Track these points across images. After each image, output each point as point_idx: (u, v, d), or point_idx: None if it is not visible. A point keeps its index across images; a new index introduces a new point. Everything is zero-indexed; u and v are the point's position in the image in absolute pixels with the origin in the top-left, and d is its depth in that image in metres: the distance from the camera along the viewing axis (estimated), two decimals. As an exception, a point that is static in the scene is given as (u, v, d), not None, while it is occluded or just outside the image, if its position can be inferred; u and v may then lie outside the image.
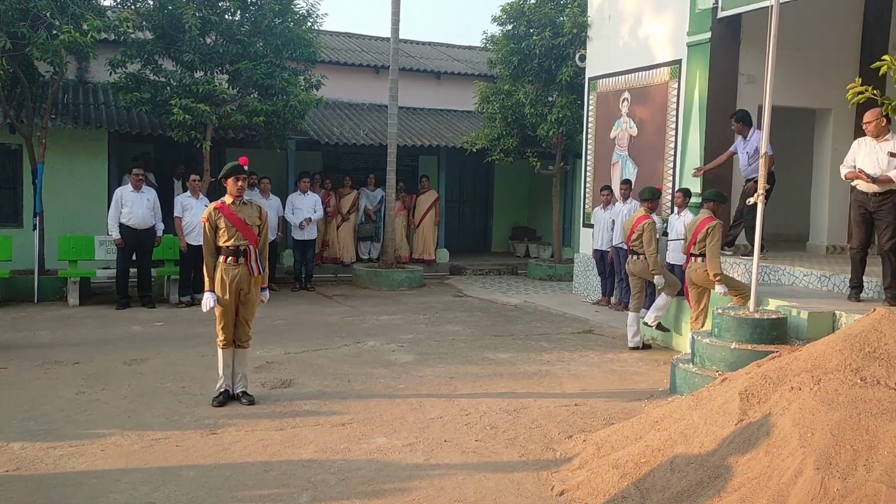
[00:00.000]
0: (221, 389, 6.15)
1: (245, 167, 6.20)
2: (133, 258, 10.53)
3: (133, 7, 11.64)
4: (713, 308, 7.21)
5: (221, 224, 6.06)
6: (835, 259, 9.52)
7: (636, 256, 8.57)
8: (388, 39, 13.79)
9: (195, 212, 10.39)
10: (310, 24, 12.63)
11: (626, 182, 11.04)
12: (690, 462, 4.28)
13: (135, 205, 10.34)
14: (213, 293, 6.03)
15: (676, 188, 9.97)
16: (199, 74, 11.83)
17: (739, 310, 6.86)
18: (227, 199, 6.15)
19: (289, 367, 7.34)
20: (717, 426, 4.44)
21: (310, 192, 12.74)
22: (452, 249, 15.90)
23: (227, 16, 11.89)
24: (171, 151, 13.46)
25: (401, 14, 13.35)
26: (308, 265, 12.68)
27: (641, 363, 7.94)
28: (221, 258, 6.07)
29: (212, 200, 7.02)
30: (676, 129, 10.32)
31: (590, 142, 12.46)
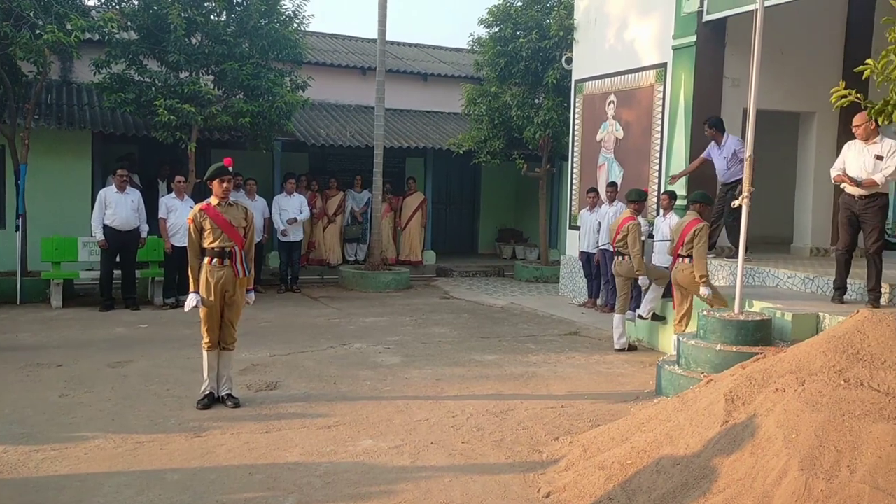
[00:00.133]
0: (206, 392, 6.12)
1: (230, 168, 6.17)
2: (117, 260, 10.44)
3: (118, 7, 11.56)
4: (698, 310, 7.24)
5: (207, 225, 6.03)
6: (818, 261, 9.59)
7: (622, 257, 8.61)
8: (375, 41, 13.77)
9: (180, 213, 10.33)
10: (296, 25, 12.61)
11: (612, 184, 11.10)
12: (676, 463, 4.29)
13: (119, 206, 10.27)
14: (198, 294, 6.00)
15: (662, 190, 10.02)
16: (185, 75, 11.78)
17: (724, 312, 6.90)
18: (213, 201, 6.12)
19: (274, 370, 7.31)
20: (703, 427, 4.46)
21: (296, 194, 12.70)
22: (439, 251, 15.90)
23: (213, 16, 11.83)
24: (156, 152, 13.37)
25: (388, 16, 13.35)
26: (294, 267, 12.64)
27: (627, 365, 7.96)
28: (206, 260, 6.04)
29: (197, 202, 6.98)
30: (662, 132, 10.36)
31: (576, 144, 12.50)
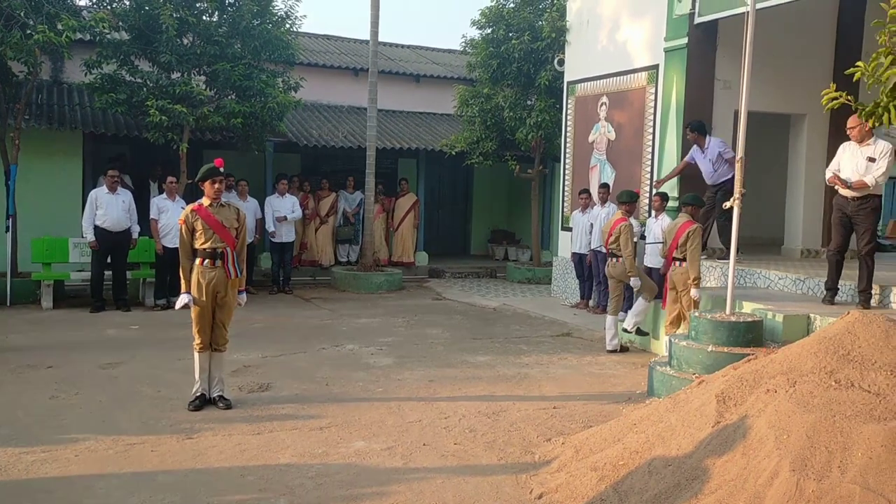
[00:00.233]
0: (198, 393, 6.10)
1: (221, 169, 6.15)
2: (108, 261, 10.40)
3: (109, 7, 11.50)
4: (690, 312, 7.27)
5: (198, 226, 6.01)
6: (809, 263, 9.63)
7: (615, 259, 8.63)
8: (368, 42, 13.77)
9: (171, 214, 10.30)
10: (288, 26, 12.58)
11: (604, 186, 11.12)
12: (668, 464, 4.30)
13: (110, 207, 10.23)
14: (189, 294, 5.98)
15: (654, 192, 10.04)
16: (176, 75, 11.73)
17: (716, 313, 6.92)
18: (205, 202, 6.10)
19: (266, 371, 7.29)
20: (695, 428, 4.47)
21: (288, 195, 12.68)
22: (431, 252, 15.89)
23: (205, 17, 11.80)
24: (148, 153, 13.31)
25: (380, 17, 13.35)
26: (286, 268, 12.61)
27: (619, 366, 7.98)
28: (198, 261, 6.02)
29: (188, 202, 6.96)
30: (654, 134, 10.39)
31: (568, 146, 12.52)
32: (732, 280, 6.88)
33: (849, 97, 4.64)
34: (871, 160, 6.73)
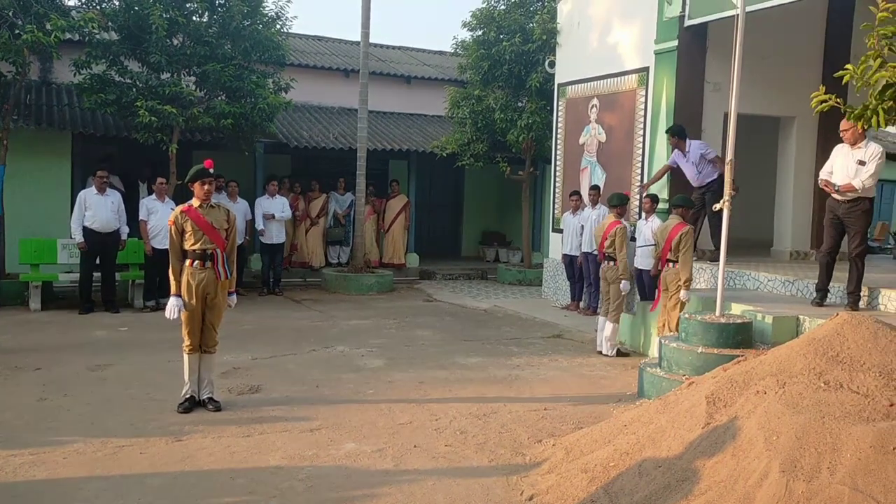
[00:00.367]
0: (187, 395, 6.07)
1: (211, 170, 6.13)
2: (97, 262, 10.35)
3: (98, 7, 11.44)
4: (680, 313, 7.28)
5: (188, 228, 5.99)
6: (798, 264, 9.68)
7: (611, 262, 8.62)
8: (359, 43, 13.74)
9: (161, 215, 10.25)
10: (279, 27, 12.55)
11: (595, 188, 11.14)
12: (658, 466, 4.31)
13: (98, 208, 10.18)
14: (179, 298, 5.94)
15: (644, 194, 10.06)
16: (166, 76, 11.68)
17: (705, 314, 6.94)
18: (195, 203, 6.08)
19: (256, 373, 7.26)
20: (685, 430, 4.48)
21: (278, 196, 12.64)
22: (422, 254, 15.87)
23: (195, 17, 11.74)
24: (137, 154, 13.24)
25: (371, 18, 13.33)
26: (276, 269, 12.58)
27: (610, 367, 7.99)
28: (188, 262, 5.99)
29: (178, 204, 6.93)
30: (644, 136, 10.42)
31: (559, 147, 12.54)
32: (722, 281, 6.91)
33: (838, 100, 4.67)
34: (861, 163, 6.75)
